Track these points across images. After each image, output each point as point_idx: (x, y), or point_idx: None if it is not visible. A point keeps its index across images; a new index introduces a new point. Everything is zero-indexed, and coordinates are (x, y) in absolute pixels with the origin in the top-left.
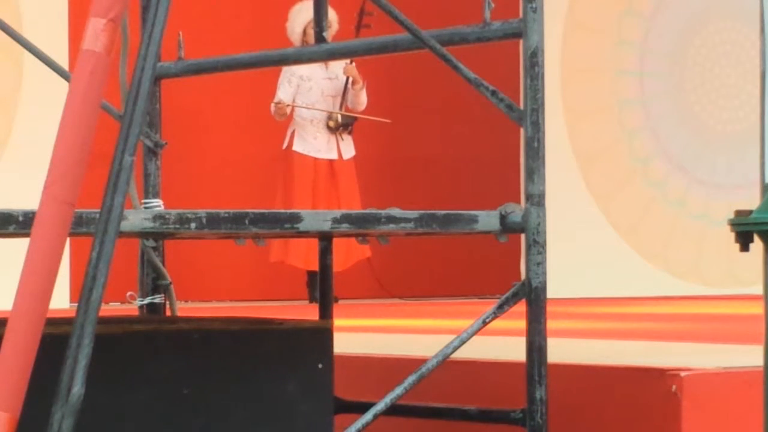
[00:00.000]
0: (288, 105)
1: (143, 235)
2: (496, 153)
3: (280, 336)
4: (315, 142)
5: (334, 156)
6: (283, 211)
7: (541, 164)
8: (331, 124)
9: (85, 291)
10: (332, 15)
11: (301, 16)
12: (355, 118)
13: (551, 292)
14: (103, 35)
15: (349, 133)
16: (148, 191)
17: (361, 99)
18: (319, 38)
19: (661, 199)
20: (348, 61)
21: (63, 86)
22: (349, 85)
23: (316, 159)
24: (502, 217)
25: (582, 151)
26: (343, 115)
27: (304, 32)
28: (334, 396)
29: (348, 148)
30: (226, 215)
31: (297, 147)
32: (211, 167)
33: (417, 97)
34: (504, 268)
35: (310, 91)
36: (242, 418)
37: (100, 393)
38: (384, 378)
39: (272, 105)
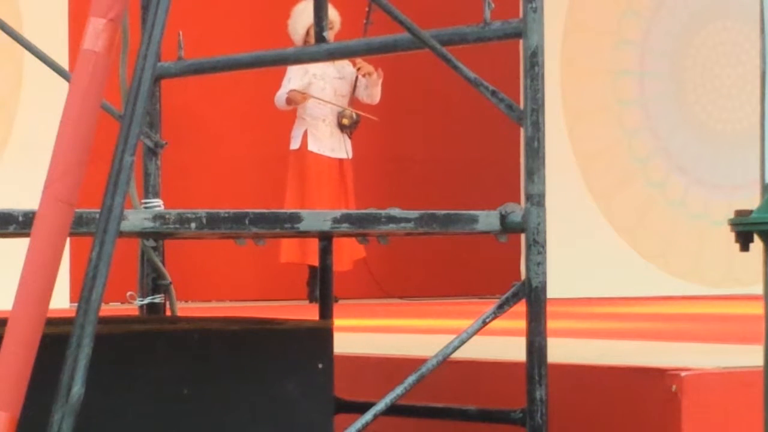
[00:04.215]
0: (308, 96)
1: (143, 235)
2: (496, 153)
3: (280, 336)
4: (329, 142)
5: (344, 155)
6: (283, 210)
7: (541, 164)
8: (346, 121)
9: (85, 291)
10: (334, 15)
11: (304, 17)
12: (360, 118)
13: (551, 292)
14: (103, 35)
15: (351, 134)
16: (148, 191)
17: (378, 90)
18: (320, 38)
19: (661, 199)
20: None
21: (63, 86)
22: (362, 81)
23: (329, 158)
24: (502, 217)
25: (582, 151)
26: (356, 113)
27: (307, 33)
28: (334, 396)
29: (350, 149)
30: (226, 215)
31: (312, 147)
32: (211, 167)
33: (417, 97)
34: (504, 268)
35: (324, 90)
36: (242, 418)
37: (100, 393)
38: (384, 378)
39: (284, 93)
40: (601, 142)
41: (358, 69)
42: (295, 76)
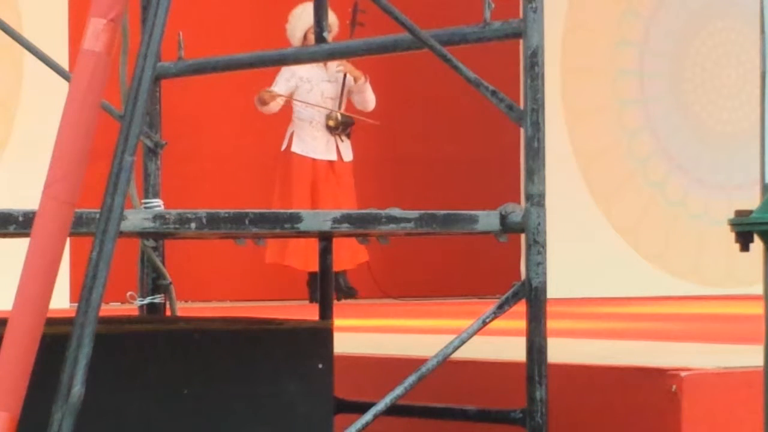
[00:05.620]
0: (277, 95)
1: (143, 235)
2: (496, 153)
3: (280, 336)
4: (314, 143)
5: (333, 157)
6: (283, 211)
7: (541, 164)
8: (331, 123)
9: (85, 291)
10: (332, 18)
11: (303, 20)
12: (353, 120)
13: (551, 292)
14: (103, 35)
15: (348, 136)
16: (148, 191)
17: (368, 96)
18: (320, 38)
19: (661, 199)
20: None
21: (63, 86)
22: (349, 83)
23: (315, 160)
24: (502, 217)
25: (582, 151)
26: (342, 114)
27: (305, 37)
28: (334, 396)
29: (347, 150)
30: (226, 215)
31: (296, 148)
32: (211, 167)
33: (416, 97)
34: (504, 268)
35: (310, 92)
36: (242, 418)
37: (100, 393)
38: (384, 378)
39: (261, 93)
40: (601, 142)
41: (341, 66)
42: (281, 80)
